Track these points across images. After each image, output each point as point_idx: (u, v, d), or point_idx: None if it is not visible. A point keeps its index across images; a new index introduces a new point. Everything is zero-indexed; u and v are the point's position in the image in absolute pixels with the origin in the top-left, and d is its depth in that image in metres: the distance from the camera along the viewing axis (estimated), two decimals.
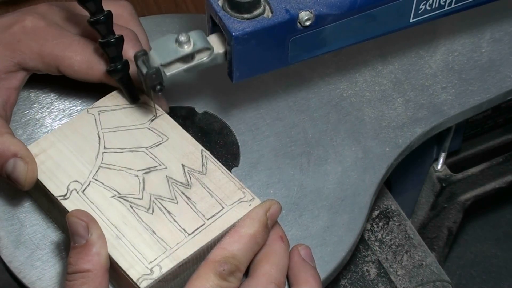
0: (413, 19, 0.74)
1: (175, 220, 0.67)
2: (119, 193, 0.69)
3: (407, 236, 0.87)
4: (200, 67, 0.70)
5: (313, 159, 0.78)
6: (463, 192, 1.05)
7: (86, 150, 0.72)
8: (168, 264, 0.65)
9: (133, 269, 0.65)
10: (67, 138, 0.73)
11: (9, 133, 0.72)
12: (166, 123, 0.73)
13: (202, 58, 0.69)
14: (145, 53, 0.69)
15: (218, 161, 0.71)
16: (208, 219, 0.67)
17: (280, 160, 0.78)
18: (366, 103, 0.82)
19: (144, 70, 0.68)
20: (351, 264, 0.83)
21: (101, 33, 0.70)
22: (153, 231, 0.67)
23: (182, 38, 0.68)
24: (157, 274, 0.65)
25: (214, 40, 0.70)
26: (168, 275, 0.65)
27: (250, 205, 0.68)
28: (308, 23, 0.68)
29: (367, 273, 0.83)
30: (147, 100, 0.75)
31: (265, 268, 0.66)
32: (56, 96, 0.81)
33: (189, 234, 0.67)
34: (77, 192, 0.69)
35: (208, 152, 0.71)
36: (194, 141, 0.72)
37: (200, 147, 0.72)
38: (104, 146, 0.72)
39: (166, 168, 0.70)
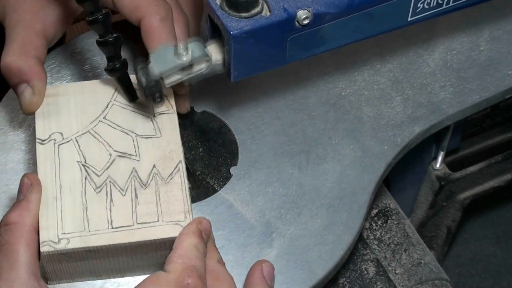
0: (411, 17, 0.74)
1: (110, 209, 0.68)
2: (85, 161, 0.70)
3: (405, 234, 0.87)
4: (199, 77, 0.71)
5: (311, 158, 0.78)
6: (462, 190, 1.05)
7: (88, 112, 0.73)
8: (76, 243, 0.65)
9: (46, 231, 0.66)
10: (81, 94, 0.74)
11: (37, 57, 0.73)
12: (169, 122, 0.73)
13: (201, 67, 0.70)
14: (145, 64, 0.69)
15: (187, 180, 0.70)
16: (137, 223, 0.67)
17: (279, 159, 0.78)
18: (365, 102, 0.82)
19: (144, 81, 0.69)
20: (349, 263, 0.83)
21: (99, 32, 0.70)
22: (86, 208, 0.67)
23: (181, 48, 0.68)
24: (61, 246, 0.65)
25: (212, 49, 0.70)
26: (72, 254, 0.65)
27: None
28: (306, 22, 0.68)
29: (365, 272, 0.83)
30: (169, 95, 0.75)
31: None
32: None
33: (112, 227, 0.67)
34: (54, 143, 0.71)
35: (184, 166, 0.70)
36: (180, 150, 0.71)
37: (181, 158, 0.71)
38: (105, 116, 0.73)
39: (138, 161, 0.71)
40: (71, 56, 0.83)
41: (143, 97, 0.75)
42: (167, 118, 0.73)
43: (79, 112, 0.73)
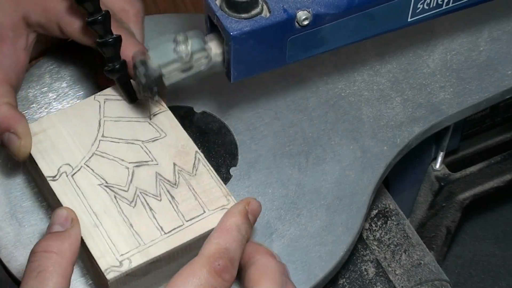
0: (411, 18, 0.74)
1: (154, 217, 0.67)
2: (106, 182, 0.69)
3: (405, 235, 0.87)
4: (198, 75, 0.70)
5: (311, 158, 0.78)
6: (462, 191, 1.05)
7: (84, 135, 0.72)
8: (138, 260, 0.65)
9: (103, 259, 0.65)
10: (69, 121, 0.73)
11: (9, 103, 0.72)
12: (167, 120, 0.73)
13: (201, 63, 0.69)
14: (144, 54, 0.69)
15: (210, 165, 0.70)
16: (187, 221, 0.67)
17: (278, 159, 0.78)
18: (364, 103, 0.82)
19: (142, 72, 0.68)
20: (349, 264, 0.83)
21: (99, 33, 0.70)
22: (131, 225, 0.67)
23: (180, 38, 0.68)
24: (125, 267, 0.65)
25: (212, 44, 0.70)
26: (137, 271, 0.65)
27: None
28: (306, 22, 0.68)
29: (365, 273, 0.83)
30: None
31: (266, 284, 0.64)
32: (54, 96, 0.81)
33: (165, 233, 0.66)
34: (67, 176, 0.69)
35: (202, 155, 0.71)
36: (190, 141, 0.72)
37: (195, 148, 0.71)
38: (103, 134, 0.72)
39: (157, 164, 0.70)
40: (71, 57, 0.83)
41: (139, 94, 0.74)
42: (163, 116, 0.73)
43: (75, 139, 0.72)
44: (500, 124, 1.05)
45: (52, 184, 0.69)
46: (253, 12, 0.68)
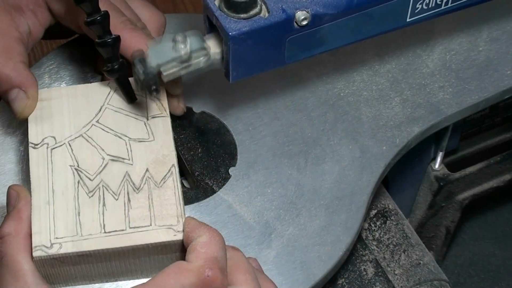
0: (410, 18, 0.74)
1: (103, 213, 0.67)
2: (78, 165, 0.70)
3: (404, 235, 0.87)
4: (197, 71, 0.70)
5: (310, 158, 0.78)
6: (461, 191, 1.05)
7: (82, 115, 0.73)
8: (68, 248, 0.65)
9: (38, 236, 0.65)
10: (74, 98, 0.73)
11: (24, 62, 0.73)
12: (162, 126, 0.73)
13: (199, 61, 0.69)
14: (142, 52, 0.69)
15: (179, 183, 0.69)
16: (130, 228, 0.66)
17: (278, 159, 0.78)
18: (364, 103, 0.82)
19: (141, 70, 0.68)
20: (348, 264, 0.83)
21: (97, 33, 0.70)
22: (78, 213, 0.67)
23: (179, 38, 0.68)
24: (53, 251, 0.65)
25: (211, 42, 0.70)
26: (65, 258, 0.65)
27: (175, 235, 0.66)
28: (304, 22, 0.68)
29: (364, 273, 0.83)
30: (162, 97, 0.75)
31: (241, 278, 0.64)
32: None
33: (105, 232, 0.66)
34: (47, 148, 0.70)
35: (177, 170, 0.70)
36: (173, 154, 0.71)
37: (174, 162, 0.70)
38: (98, 120, 0.72)
39: (131, 164, 0.70)
40: (70, 57, 0.83)
41: (139, 91, 0.74)
42: (160, 121, 0.73)
43: (72, 115, 0.72)
44: (499, 124, 1.05)
45: (31, 151, 0.70)
46: (252, 12, 0.68)
